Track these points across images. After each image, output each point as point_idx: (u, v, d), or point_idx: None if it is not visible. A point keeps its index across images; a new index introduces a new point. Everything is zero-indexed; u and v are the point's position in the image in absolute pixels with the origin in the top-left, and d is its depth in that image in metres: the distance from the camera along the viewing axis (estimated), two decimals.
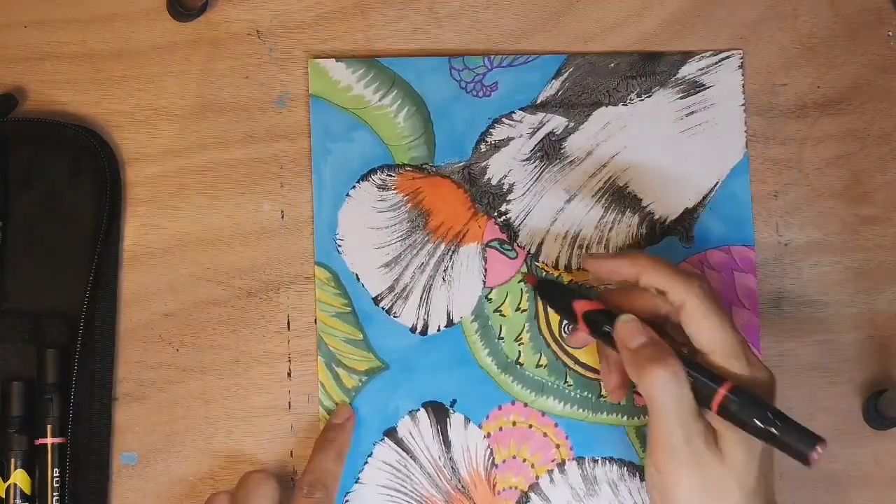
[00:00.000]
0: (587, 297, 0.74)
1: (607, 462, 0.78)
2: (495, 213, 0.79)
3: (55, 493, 0.74)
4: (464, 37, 0.80)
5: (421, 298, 0.78)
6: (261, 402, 0.78)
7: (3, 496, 0.74)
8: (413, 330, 0.78)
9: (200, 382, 0.77)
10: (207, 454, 0.77)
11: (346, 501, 0.77)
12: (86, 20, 0.78)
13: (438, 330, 0.78)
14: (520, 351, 0.79)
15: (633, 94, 0.80)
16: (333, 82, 0.79)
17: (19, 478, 0.74)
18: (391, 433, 0.78)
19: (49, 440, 0.74)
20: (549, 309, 0.78)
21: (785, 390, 0.76)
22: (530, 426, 0.78)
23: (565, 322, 0.78)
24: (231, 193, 0.78)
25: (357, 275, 0.78)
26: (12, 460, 0.74)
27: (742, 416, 0.67)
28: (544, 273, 0.79)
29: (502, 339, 0.79)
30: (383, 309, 0.78)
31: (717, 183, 0.80)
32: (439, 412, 0.78)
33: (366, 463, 0.77)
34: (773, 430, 0.66)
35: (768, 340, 0.80)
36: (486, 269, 0.79)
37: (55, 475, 0.74)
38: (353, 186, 0.79)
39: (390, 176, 0.79)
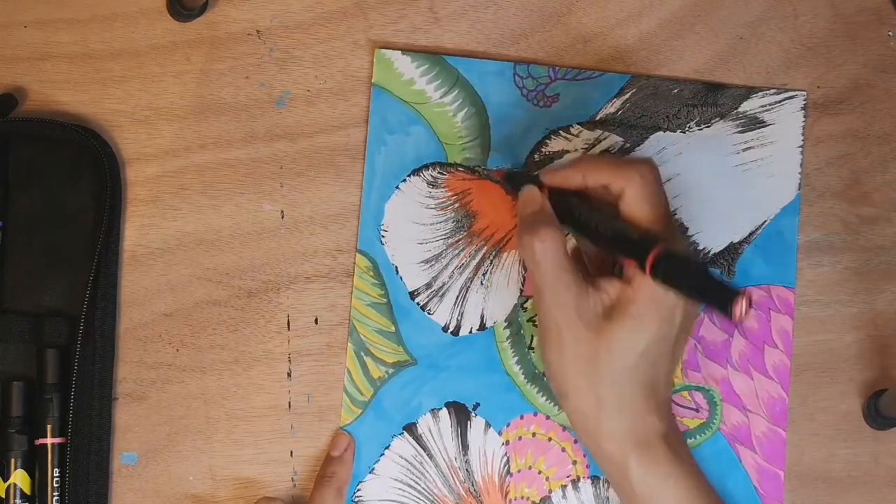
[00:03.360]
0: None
1: None
2: None
3: (55, 493, 0.74)
4: (464, 37, 0.80)
5: (457, 299, 0.78)
6: (261, 402, 0.77)
7: (3, 496, 0.74)
8: (445, 329, 0.78)
9: (200, 382, 0.77)
10: (207, 454, 0.77)
11: (359, 490, 0.77)
12: (85, 20, 0.78)
13: (470, 332, 0.78)
14: None
15: (693, 122, 0.80)
16: (397, 74, 0.79)
17: (19, 478, 0.74)
18: (411, 428, 0.78)
19: (49, 440, 0.74)
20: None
21: None
22: (550, 439, 0.78)
23: None
24: (231, 193, 0.78)
25: (397, 267, 0.78)
26: (12, 460, 0.74)
27: (671, 273, 0.66)
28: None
29: (532, 349, 0.79)
30: (418, 304, 0.78)
31: (765, 221, 0.80)
32: (461, 414, 0.78)
33: (382, 455, 0.77)
34: (696, 292, 0.66)
35: None
36: (524, 278, 0.79)
37: (55, 475, 0.74)
38: (404, 180, 0.79)
39: (441, 174, 0.79)
